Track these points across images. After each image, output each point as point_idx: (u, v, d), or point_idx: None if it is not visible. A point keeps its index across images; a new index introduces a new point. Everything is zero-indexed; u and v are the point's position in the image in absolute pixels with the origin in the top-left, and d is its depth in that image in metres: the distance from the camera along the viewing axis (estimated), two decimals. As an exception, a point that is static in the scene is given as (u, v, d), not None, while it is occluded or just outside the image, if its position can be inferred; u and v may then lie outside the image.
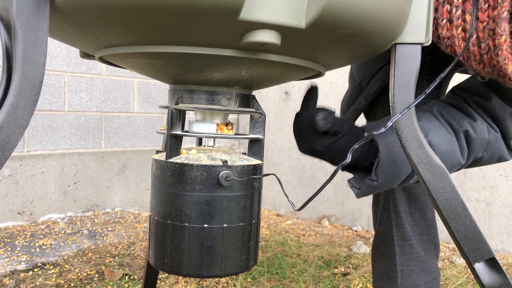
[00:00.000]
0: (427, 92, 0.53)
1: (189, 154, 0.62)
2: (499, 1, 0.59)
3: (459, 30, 0.63)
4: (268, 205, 2.91)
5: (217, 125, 0.64)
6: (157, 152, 0.68)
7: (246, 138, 0.65)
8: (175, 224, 0.60)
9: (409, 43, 0.59)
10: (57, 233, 2.00)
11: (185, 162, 0.59)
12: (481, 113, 0.80)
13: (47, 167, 2.23)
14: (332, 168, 2.61)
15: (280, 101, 2.84)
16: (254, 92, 3.29)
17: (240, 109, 0.63)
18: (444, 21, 0.63)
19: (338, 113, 1.14)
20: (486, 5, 0.60)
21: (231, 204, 0.60)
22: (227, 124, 0.66)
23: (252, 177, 0.60)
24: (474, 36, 0.63)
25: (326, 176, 2.62)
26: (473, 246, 0.59)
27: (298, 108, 0.71)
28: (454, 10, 0.62)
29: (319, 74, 0.67)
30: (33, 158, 2.18)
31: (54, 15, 0.48)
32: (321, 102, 2.76)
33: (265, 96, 2.92)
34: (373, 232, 1.17)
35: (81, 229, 2.09)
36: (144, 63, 0.59)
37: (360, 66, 1.09)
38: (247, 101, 0.65)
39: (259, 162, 0.65)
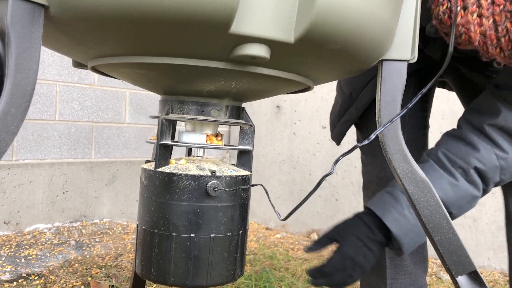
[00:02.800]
0: (413, 102, 0.55)
1: (178, 164, 0.62)
2: None
3: (474, 16, 0.63)
4: (258, 218, 2.91)
5: (207, 135, 0.65)
6: (147, 161, 0.68)
7: (235, 149, 0.66)
8: (162, 234, 0.60)
9: (395, 60, 0.61)
10: (43, 243, 1.98)
11: (173, 171, 0.60)
12: (495, 135, 0.81)
13: (36, 176, 2.21)
14: (326, 183, 2.62)
15: (272, 115, 2.86)
16: (246, 106, 3.29)
17: (230, 120, 0.64)
18: (459, 8, 0.64)
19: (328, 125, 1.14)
20: None
21: (219, 215, 0.60)
22: (216, 135, 0.67)
23: (239, 188, 0.61)
24: (491, 20, 0.62)
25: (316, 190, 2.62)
26: (455, 259, 0.60)
27: (289, 122, 0.72)
28: None
29: (308, 88, 0.69)
30: (21, 167, 2.16)
31: (48, 24, 0.49)
32: (312, 116, 2.79)
33: (256, 109, 2.94)
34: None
35: (68, 239, 2.06)
36: (136, 74, 0.60)
37: (349, 78, 1.10)
38: (237, 113, 0.66)
39: (247, 173, 0.66)
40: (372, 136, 0.57)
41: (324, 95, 2.62)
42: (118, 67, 0.58)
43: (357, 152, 2.77)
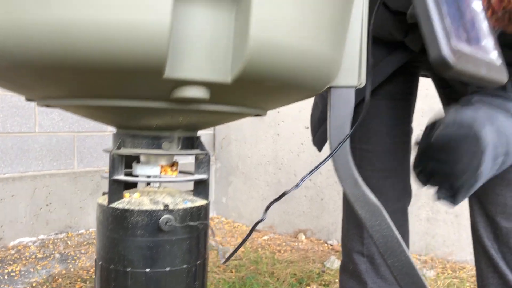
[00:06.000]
0: (352, 130, 0.56)
1: (132, 198, 0.63)
2: None
3: None
4: (246, 220, 2.92)
5: (162, 166, 0.66)
6: (103, 194, 0.68)
7: (191, 180, 0.66)
8: (118, 269, 0.60)
9: (342, 87, 0.62)
10: (27, 258, 1.97)
11: (126, 207, 0.60)
12: None
13: (18, 190, 2.20)
14: (311, 183, 2.63)
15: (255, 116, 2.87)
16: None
17: (183, 151, 0.64)
18: None
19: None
20: None
21: (173, 248, 0.61)
22: (172, 165, 0.68)
23: (189, 224, 0.61)
24: None
25: (302, 190, 2.64)
26: (408, 280, 0.61)
27: (272, 123, 0.72)
28: None
29: (260, 114, 0.69)
30: (2, 182, 2.15)
31: (-15, 73, 0.49)
32: (295, 117, 2.78)
33: (240, 111, 2.94)
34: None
35: (53, 252, 2.06)
36: (86, 112, 0.60)
37: None
38: (191, 143, 0.66)
39: (204, 202, 0.67)
40: (321, 165, 0.58)
41: (306, 95, 2.63)
42: (66, 107, 0.58)
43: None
